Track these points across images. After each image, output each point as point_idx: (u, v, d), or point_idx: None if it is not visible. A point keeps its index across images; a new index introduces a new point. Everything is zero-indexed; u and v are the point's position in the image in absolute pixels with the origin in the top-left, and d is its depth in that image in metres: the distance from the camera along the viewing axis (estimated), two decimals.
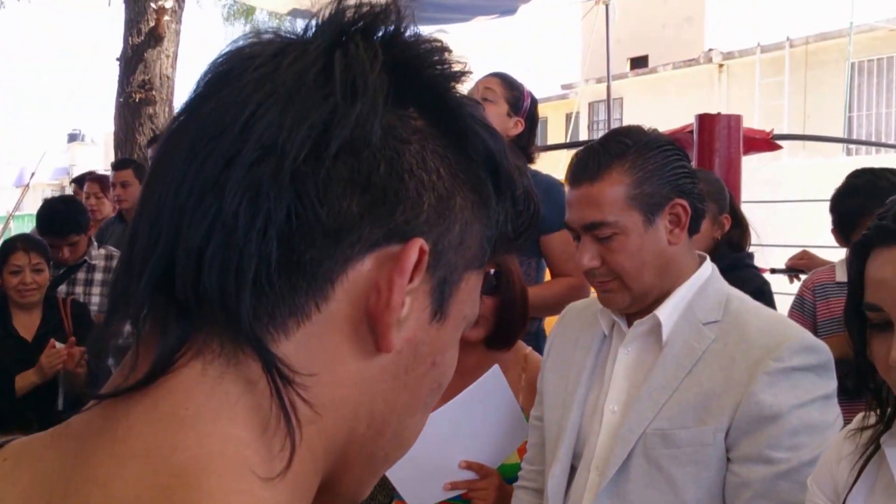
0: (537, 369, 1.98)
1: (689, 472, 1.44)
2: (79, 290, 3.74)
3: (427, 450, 1.90)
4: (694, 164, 3.49)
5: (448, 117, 0.57)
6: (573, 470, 1.62)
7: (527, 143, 2.86)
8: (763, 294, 2.56)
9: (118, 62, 7.00)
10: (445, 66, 0.59)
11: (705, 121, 3.54)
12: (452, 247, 0.57)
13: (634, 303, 1.55)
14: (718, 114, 3.57)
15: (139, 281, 0.52)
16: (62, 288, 3.72)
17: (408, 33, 0.60)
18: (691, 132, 3.61)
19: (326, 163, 0.52)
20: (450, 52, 0.61)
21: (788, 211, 9.14)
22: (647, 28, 18.75)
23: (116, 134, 7.00)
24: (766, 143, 3.95)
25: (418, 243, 0.54)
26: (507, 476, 1.96)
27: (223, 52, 0.57)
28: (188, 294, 0.51)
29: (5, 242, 3.39)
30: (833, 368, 1.47)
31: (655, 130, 1.60)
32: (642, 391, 1.51)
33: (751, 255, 2.82)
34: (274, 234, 0.51)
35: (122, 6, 7.05)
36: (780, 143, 4.06)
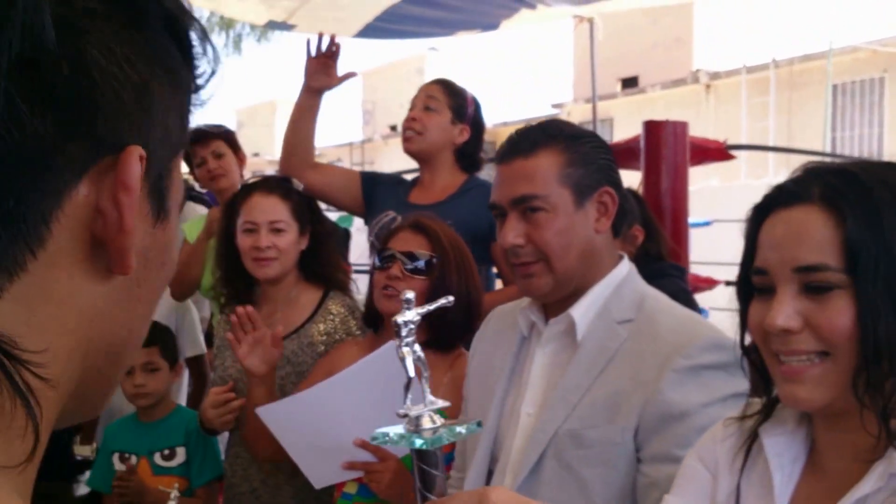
0: (465, 369, 1.93)
1: (598, 474, 1.40)
2: None
3: (320, 420, 1.89)
4: (641, 171, 3.51)
5: None
6: (492, 475, 1.58)
7: (474, 149, 2.85)
8: (675, 299, 2.46)
9: None
10: None
11: (652, 128, 3.55)
12: (159, 139, 0.50)
13: (557, 288, 1.50)
14: (665, 121, 3.58)
15: None
16: None
17: None
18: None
19: (2, 83, 0.42)
20: None
21: None
22: (638, 48, 18.90)
23: None
24: (719, 152, 3.96)
25: (136, 152, 0.47)
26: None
27: None
28: None
29: None
30: (742, 367, 1.37)
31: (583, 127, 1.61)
32: (556, 391, 1.47)
33: (679, 268, 2.71)
34: None
35: None
36: (735, 153, 4.08)
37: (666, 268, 2.64)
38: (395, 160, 26.93)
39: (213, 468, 2.61)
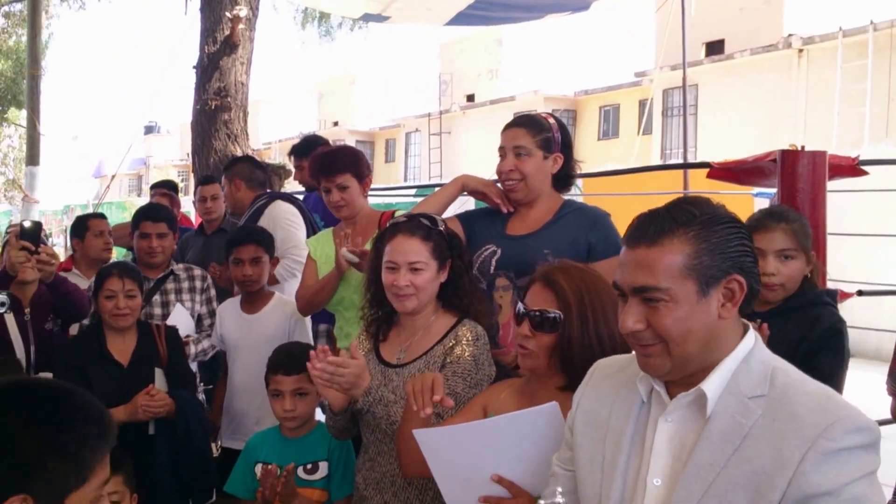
0: None
1: None
2: (171, 297, 4.02)
3: (468, 453, 1.99)
4: (777, 199, 3.44)
5: None
6: None
7: (568, 169, 2.94)
8: (838, 333, 2.51)
9: (194, 70, 7.18)
10: None
11: (787, 157, 3.44)
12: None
13: (674, 370, 1.52)
14: (802, 149, 3.46)
15: None
16: (156, 298, 3.97)
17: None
18: (774, 160, 3.50)
19: None
20: None
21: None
22: (724, 11, 18.34)
23: (193, 140, 7.21)
24: (851, 169, 3.82)
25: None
26: None
27: None
28: None
29: (101, 269, 3.49)
30: (879, 447, 1.44)
31: (723, 206, 1.56)
32: (689, 467, 1.48)
33: (832, 293, 2.72)
34: None
35: (198, 15, 7.23)
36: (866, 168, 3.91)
37: (822, 295, 2.65)
38: (472, 130, 26.93)
39: (353, 483, 2.68)
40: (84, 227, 4.46)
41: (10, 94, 20.99)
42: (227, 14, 6.84)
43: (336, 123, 32.97)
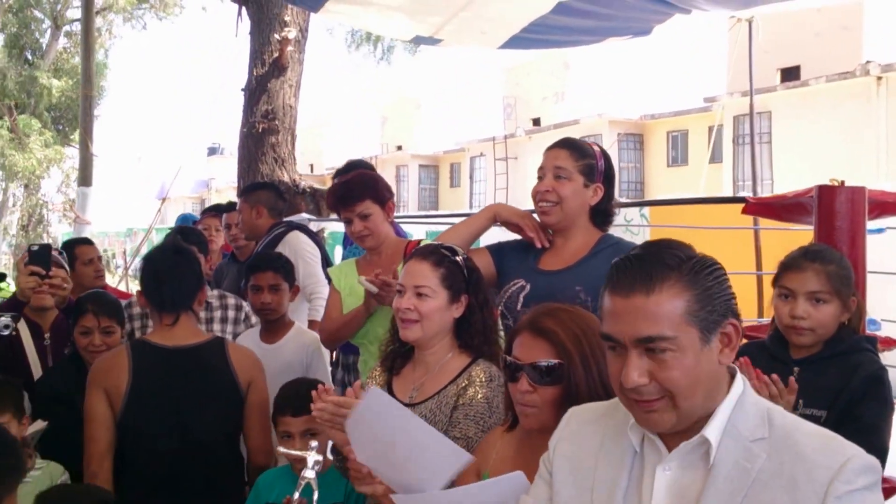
0: None
1: None
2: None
3: None
4: (815, 238, 3.27)
5: None
6: None
7: (607, 204, 2.79)
8: (879, 381, 2.40)
9: (243, 93, 7.08)
10: None
11: (825, 193, 3.26)
12: None
13: (679, 423, 1.47)
14: (841, 184, 3.26)
15: None
16: None
17: None
18: (813, 196, 3.32)
19: None
20: None
21: None
22: (799, 37, 17.80)
23: (240, 163, 7.07)
24: (895, 206, 3.57)
25: None
26: None
27: None
28: None
29: (78, 301, 3.32)
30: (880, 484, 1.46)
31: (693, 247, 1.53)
32: None
33: (871, 340, 2.57)
34: None
35: (248, 38, 7.13)
36: None
37: (861, 341, 2.52)
38: (538, 155, 26.62)
39: None
40: (71, 255, 4.08)
41: (71, 113, 21.44)
42: (276, 36, 6.75)
43: (399, 147, 33.08)
